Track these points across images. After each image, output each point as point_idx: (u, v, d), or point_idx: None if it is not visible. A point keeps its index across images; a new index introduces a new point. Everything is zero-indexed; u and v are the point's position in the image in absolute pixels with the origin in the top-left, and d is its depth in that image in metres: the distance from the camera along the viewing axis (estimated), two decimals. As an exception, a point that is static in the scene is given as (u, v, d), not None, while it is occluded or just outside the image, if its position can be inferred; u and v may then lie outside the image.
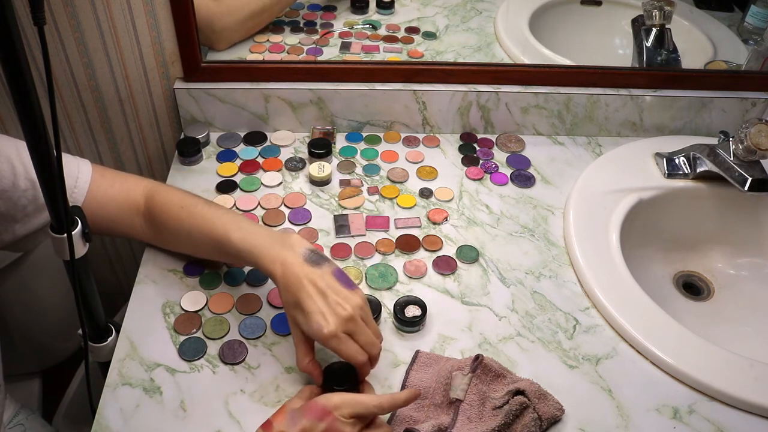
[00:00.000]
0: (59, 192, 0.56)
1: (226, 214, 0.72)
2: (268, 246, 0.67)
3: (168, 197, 0.75)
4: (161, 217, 0.74)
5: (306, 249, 0.67)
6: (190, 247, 0.77)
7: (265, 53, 1.04)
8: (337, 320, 0.63)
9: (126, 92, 0.99)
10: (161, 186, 0.78)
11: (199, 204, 0.74)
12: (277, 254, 0.66)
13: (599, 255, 0.82)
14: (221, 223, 0.70)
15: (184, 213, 0.73)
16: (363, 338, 0.64)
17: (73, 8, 0.88)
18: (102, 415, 0.65)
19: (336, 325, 0.63)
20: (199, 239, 0.73)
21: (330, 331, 0.63)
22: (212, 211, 0.72)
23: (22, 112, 0.50)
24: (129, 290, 0.78)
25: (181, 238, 0.75)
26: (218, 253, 0.73)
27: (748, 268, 0.95)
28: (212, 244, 0.71)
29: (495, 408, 0.64)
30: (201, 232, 0.72)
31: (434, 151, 1.01)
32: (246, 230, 0.69)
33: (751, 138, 0.84)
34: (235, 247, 0.68)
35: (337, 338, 0.63)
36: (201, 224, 0.72)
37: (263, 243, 0.67)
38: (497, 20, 1.11)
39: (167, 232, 0.76)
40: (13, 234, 0.71)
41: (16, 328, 1.13)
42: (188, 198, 0.75)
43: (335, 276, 0.66)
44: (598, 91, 1.01)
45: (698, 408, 0.69)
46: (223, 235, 0.69)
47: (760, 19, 1.06)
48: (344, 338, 0.63)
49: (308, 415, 0.58)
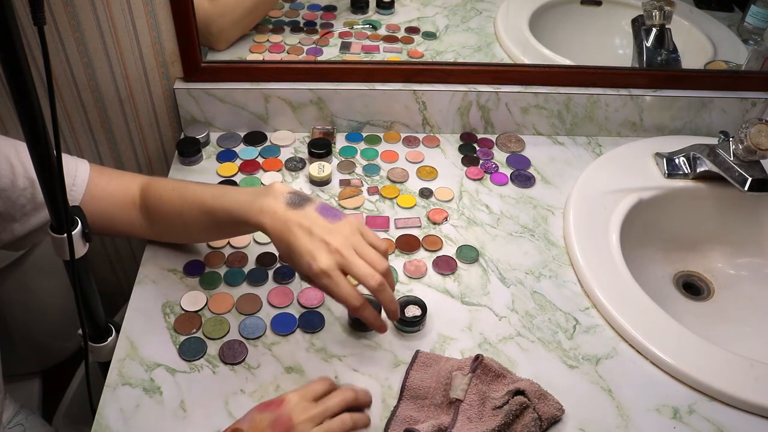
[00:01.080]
0: (59, 192, 0.56)
1: (215, 186, 0.76)
2: (252, 200, 0.67)
3: (161, 184, 0.76)
4: (155, 204, 0.75)
5: (288, 193, 0.67)
6: (185, 227, 0.76)
7: (265, 53, 1.04)
8: (323, 255, 0.62)
9: (126, 92, 0.99)
10: (156, 178, 0.79)
11: (190, 184, 0.75)
12: (261, 205, 0.66)
13: (599, 255, 0.82)
14: (210, 194, 0.72)
15: (176, 194, 0.74)
16: (358, 270, 0.62)
17: (73, 8, 0.88)
18: (102, 415, 0.65)
19: (324, 261, 0.61)
20: (191, 217, 0.73)
21: (319, 268, 0.61)
22: (201, 186, 0.75)
23: (22, 112, 0.50)
24: (129, 290, 0.78)
25: (176, 220, 0.75)
26: (212, 225, 0.73)
27: (748, 268, 0.95)
28: (204, 217, 0.72)
29: (495, 408, 0.64)
30: (192, 208, 0.73)
31: (434, 151, 1.01)
32: (232, 193, 0.71)
33: (751, 138, 0.84)
34: (225, 210, 0.69)
35: (327, 276, 0.61)
36: (191, 200, 0.72)
37: (247, 198, 0.68)
38: (497, 20, 1.11)
39: (162, 218, 0.76)
40: (11, 233, 0.71)
41: (16, 328, 1.13)
42: (180, 182, 0.77)
43: (319, 212, 0.65)
44: (598, 91, 1.01)
45: (698, 408, 0.69)
46: (212, 203, 0.70)
47: (760, 19, 1.06)
48: (336, 276, 0.61)
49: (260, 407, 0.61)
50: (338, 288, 0.62)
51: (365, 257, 0.63)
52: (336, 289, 0.62)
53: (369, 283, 0.62)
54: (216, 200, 0.70)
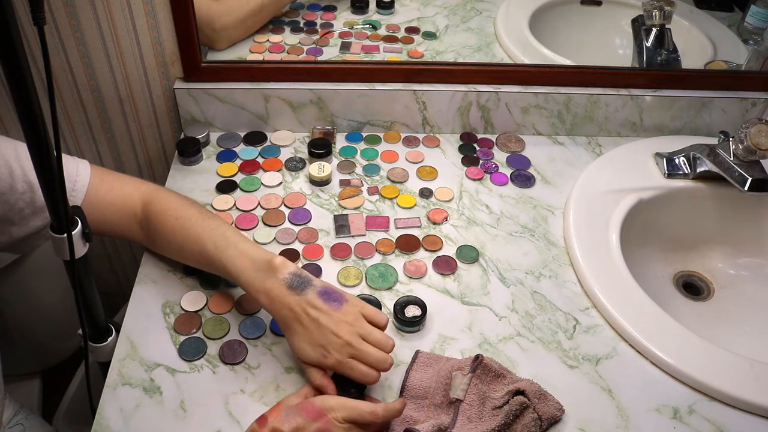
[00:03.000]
0: (59, 192, 0.56)
1: (218, 229, 0.72)
2: (253, 274, 0.67)
3: (164, 206, 0.75)
4: (156, 227, 0.75)
5: (288, 273, 0.67)
6: (183, 259, 0.77)
7: (265, 53, 1.04)
8: (335, 350, 0.63)
9: (126, 92, 0.99)
10: (159, 192, 0.77)
11: (194, 216, 0.73)
12: (261, 284, 0.67)
13: (599, 255, 0.82)
14: (212, 241, 0.71)
15: (178, 225, 0.73)
16: (369, 357, 0.64)
17: (73, 8, 0.88)
18: (102, 415, 0.65)
19: (337, 355, 0.63)
20: (190, 254, 0.74)
21: (332, 363, 0.64)
22: (205, 225, 0.72)
23: (22, 112, 0.50)
24: (129, 290, 0.78)
25: (175, 249, 0.76)
26: (209, 269, 0.74)
27: (748, 268, 0.95)
28: (203, 260, 0.72)
29: (495, 408, 0.64)
30: (192, 248, 0.72)
31: (434, 151, 1.01)
32: (234, 251, 0.69)
33: (751, 138, 0.84)
34: (223, 268, 0.70)
35: (341, 365, 0.64)
36: (193, 240, 0.72)
37: (248, 269, 0.68)
38: (497, 20, 1.11)
39: (161, 241, 0.76)
40: (9, 236, 0.71)
41: (16, 328, 1.13)
42: (183, 208, 0.75)
43: (321, 298, 0.65)
44: (598, 91, 1.01)
45: (698, 408, 0.69)
46: (213, 255, 0.70)
47: (760, 19, 1.06)
48: (348, 363, 0.64)
49: (303, 414, 0.58)
50: (353, 372, 0.64)
51: (373, 342, 0.65)
52: (352, 374, 0.64)
53: (381, 368, 0.65)
54: (217, 252, 0.70)
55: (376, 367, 0.64)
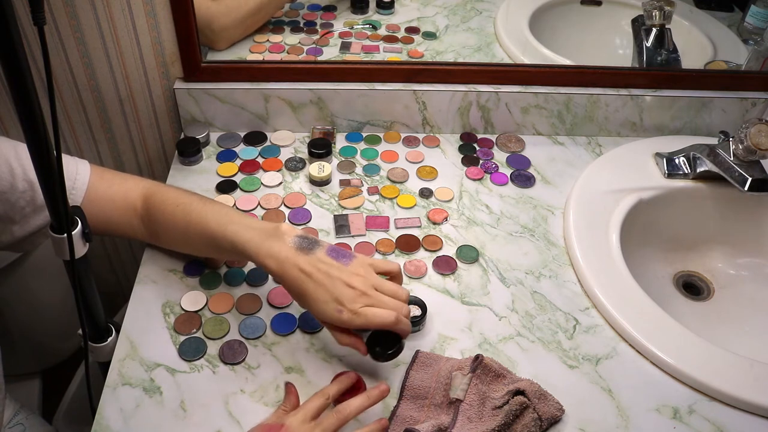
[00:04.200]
0: (59, 192, 0.56)
1: (221, 210, 0.72)
2: (259, 240, 0.67)
3: (164, 197, 0.75)
4: (158, 218, 0.75)
5: (295, 237, 0.67)
6: (187, 246, 0.77)
7: (265, 53, 1.04)
8: (350, 301, 0.63)
9: (126, 92, 0.99)
10: (159, 186, 0.78)
11: (195, 201, 0.74)
12: (269, 249, 0.66)
13: (599, 255, 0.82)
14: (215, 219, 0.71)
15: (179, 211, 0.73)
16: (386, 306, 0.64)
17: (73, 8, 0.88)
18: (102, 415, 0.65)
19: (352, 306, 0.63)
20: (194, 237, 0.73)
21: (349, 316, 0.63)
22: (207, 207, 0.73)
23: (22, 112, 0.50)
24: (129, 290, 0.78)
25: (178, 236, 0.75)
26: (214, 249, 0.73)
27: (748, 268, 0.95)
28: (207, 241, 0.71)
29: (495, 408, 0.64)
30: (196, 230, 0.72)
31: (434, 151, 1.01)
32: (238, 225, 0.69)
33: (751, 138, 0.84)
34: (230, 243, 0.69)
35: (358, 315, 0.63)
36: (196, 222, 0.72)
37: (253, 236, 0.67)
38: (497, 20, 1.11)
39: (164, 231, 0.76)
40: (11, 235, 0.71)
41: (16, 328, 1.13)
42: (184, 196, 0.75)
43: (330, 255, 0.66)
44: (598, 91, 1.01)
45: (698, 408, 0.69)
46: (217, 231, 0.70)
47: (760, 19, 1.06)
48: (364, 312, 0.63)
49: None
50: (374, 318, 0.63)
51: (387, 292, 0.65)
52: (372, 320, 0.63)
53: (398, 309, 0.64)
54: (220, 228, 0.69)
55: (393, 308, 0.64)
